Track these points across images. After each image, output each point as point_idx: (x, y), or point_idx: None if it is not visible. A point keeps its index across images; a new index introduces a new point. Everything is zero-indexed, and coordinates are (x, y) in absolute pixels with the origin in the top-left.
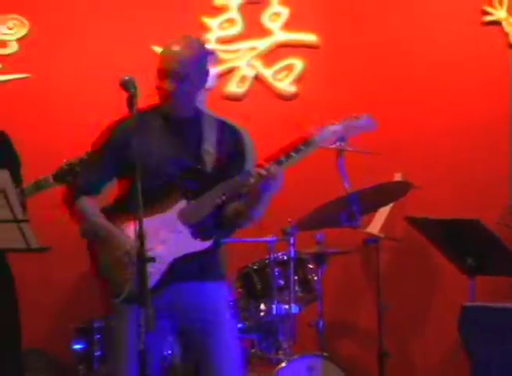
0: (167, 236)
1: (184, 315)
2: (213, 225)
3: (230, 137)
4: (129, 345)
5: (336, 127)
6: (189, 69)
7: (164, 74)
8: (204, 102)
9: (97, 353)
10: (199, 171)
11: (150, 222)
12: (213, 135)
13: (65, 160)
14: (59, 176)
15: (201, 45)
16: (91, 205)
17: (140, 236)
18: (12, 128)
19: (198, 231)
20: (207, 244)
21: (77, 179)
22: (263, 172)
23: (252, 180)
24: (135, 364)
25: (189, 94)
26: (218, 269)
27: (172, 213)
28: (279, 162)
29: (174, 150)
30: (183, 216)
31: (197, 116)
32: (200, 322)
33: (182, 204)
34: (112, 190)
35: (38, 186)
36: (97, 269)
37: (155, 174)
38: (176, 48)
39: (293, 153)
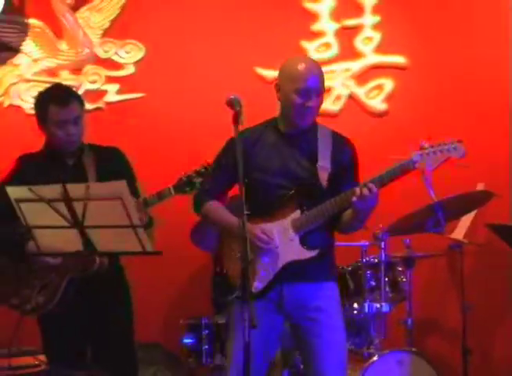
0: (281, 241)
1: (292, 314)
2: (320, 236)
3: (344, 151)
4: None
5: (430, 152)
6: (323, 85)
7: (313, 92)
8: None
9: (205, 347)
10: (314, 185)
11: (269, 227)
12: (328, 149)
13: (183, 173)
14: (179, 187)
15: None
16: (219, 207)
17: (244, 238)
18: (129, 143)
19: (306, 240)
20: (314, 252)
21: (202, 187)
22: (365, 192)
23: (355, 198)
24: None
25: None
26: (326, 270)
27: (287, 221)
28: (382, 182)
29: (292, 164)
30: (295, 225)
31: (313, 127)
32: (309, 321)
33: (296, 214)
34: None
35: (161, 197)
36: (220, 268)
37: (274, 185)
38: (314, 67)
39: (393, 176)
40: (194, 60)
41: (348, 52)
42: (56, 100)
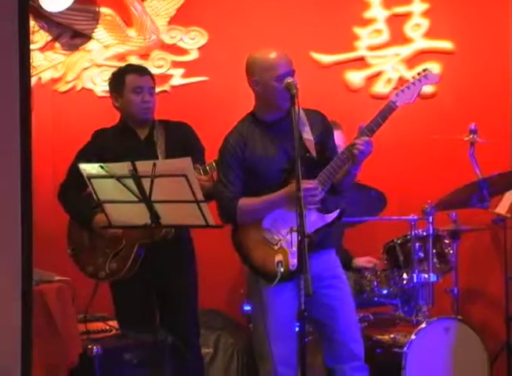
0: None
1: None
2: (331, 198)
3: (317, 121)
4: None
5: (404, 88)
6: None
7: (289, 74)
8: None
9: None
10: (307, 158)
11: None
12: (305, 123)
13: None
14: None
15: None
16: (248, 199)
17: (300, 214)
18: (193, 122)
19: (322, 207)
20: (334, 215)
21: (223, 196)
22: (356, 152)
23: (357, 151)
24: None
25: None
26: (332, 237)
27: None
28: (371, 131)
29: (285, 147)
30: None
31: (288, 113)
32: (325, 289)
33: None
34: None
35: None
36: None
37: (270, 171)
38: (281, 53)
39: (380, 119)
40: (253, 45)
41: (398, 37)
42: (134, 70)
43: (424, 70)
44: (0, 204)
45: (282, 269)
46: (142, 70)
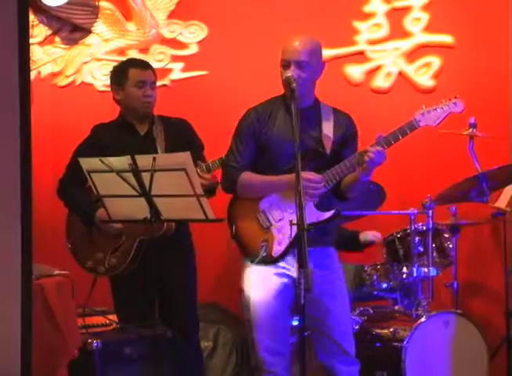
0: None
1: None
2: (332, 198)
3: (344, 123)
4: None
5: (431, 110)
6: (308, 58)
7: (292, 63)
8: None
9: None
10: (319, 153)
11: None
12: (330, 122)
13: None
14: None
15: (314, 40)
16: (254, 174)
17: (300, 207)
18: (193, 116)
19: (320, 204)
20: (329, 213)
21: (228, 165)
22: (366, 159)
23: (359, 164)
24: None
25: (307, 82)
26: (331, 235)
27: None
28: (388, 143)
29: (301, 135)
30: None
31: (315, 105)
32: (320, 284)
33: None
34: None
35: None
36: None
37: (281, 154)
38: (295, 42)
39: (399, 134)
40: (252, 40)
41: (398, 31)
42: (137, 64)
43: (456, 97)
44: (0, 199)
45: (264, 253)
46: (144, 65)
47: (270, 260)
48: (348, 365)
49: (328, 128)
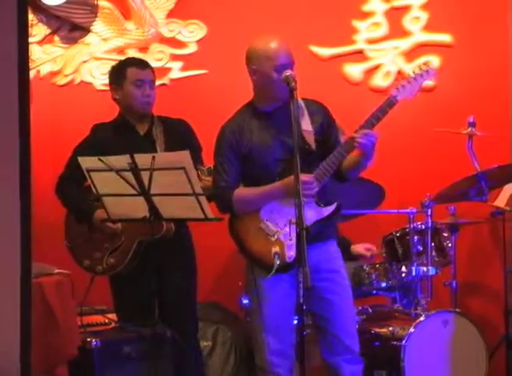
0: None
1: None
2: (331, 193)
3: (318, 112)
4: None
5: (405, 83)
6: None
7: (288, 66)
8: None
9: None
10: (306, 150)
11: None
12: (305, 115)
13: None
14: None
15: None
16: (246, 188)
17: (299, 206)
18: (192, 115)
19: (320, 199)
20: (331, 208)
21: (217, 186)
22: (356, 144)
23: (349, 152)
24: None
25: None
26: (332, 227)
27: None
28: (371, 124)
29: (282, 137)
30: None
31: (287, 103)
32: (324, 282)
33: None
34: None
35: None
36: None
37: (268, 161)
38: (283, 44)
39: (379, 114)
40: (251, 38)
41: (397, 30)
42: (136, 63)
43: (426, 65)
44: None
45: (278, 262)
46: (143, 64)
47: (285, 267)
48: (352, 364)
49: (306, 123)
